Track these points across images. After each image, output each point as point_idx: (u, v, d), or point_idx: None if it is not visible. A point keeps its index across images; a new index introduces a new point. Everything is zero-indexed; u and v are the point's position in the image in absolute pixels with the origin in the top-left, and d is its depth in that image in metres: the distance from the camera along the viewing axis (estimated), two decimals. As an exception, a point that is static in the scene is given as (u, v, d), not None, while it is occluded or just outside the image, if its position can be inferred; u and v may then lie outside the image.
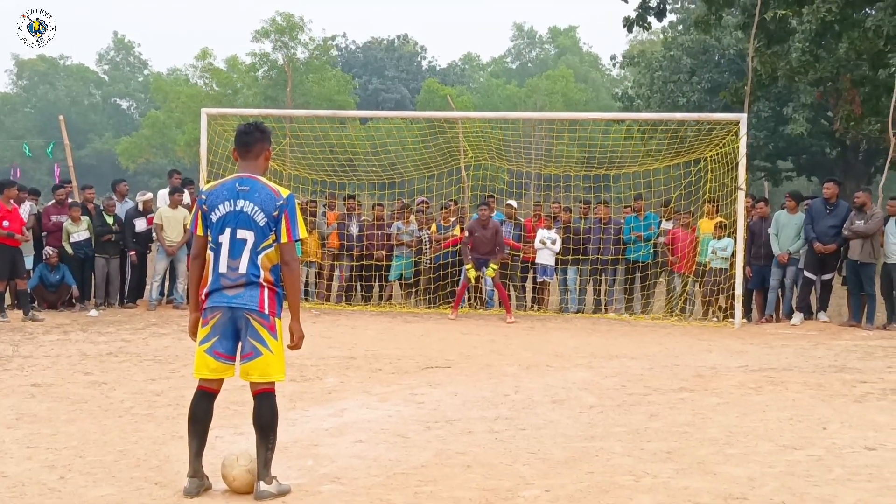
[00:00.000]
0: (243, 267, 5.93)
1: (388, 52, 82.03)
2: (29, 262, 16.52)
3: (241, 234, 5.94)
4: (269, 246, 5.97)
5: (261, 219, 5.94)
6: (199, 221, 6.09)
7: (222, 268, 5.96)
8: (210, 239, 6.05)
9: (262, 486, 5.91)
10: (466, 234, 16.94)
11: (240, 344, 6.05)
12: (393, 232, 18.42)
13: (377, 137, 27.70)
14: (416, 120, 28.87)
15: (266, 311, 5.96)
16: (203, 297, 6.08)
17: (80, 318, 15.76)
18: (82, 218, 16.81)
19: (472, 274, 16.85)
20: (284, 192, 6.06)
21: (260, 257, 5.96)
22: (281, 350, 6.06)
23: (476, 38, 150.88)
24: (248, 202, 5.97)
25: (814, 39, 22.68)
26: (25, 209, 16.61)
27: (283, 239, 5.97)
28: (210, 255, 6.05)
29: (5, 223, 15.11)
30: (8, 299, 15.92)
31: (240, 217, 5.96)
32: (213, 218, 6.01)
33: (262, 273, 5.94)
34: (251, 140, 6.24)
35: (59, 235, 16.79)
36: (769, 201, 19.34)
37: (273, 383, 6.11)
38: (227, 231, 5.96)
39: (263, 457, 5.98)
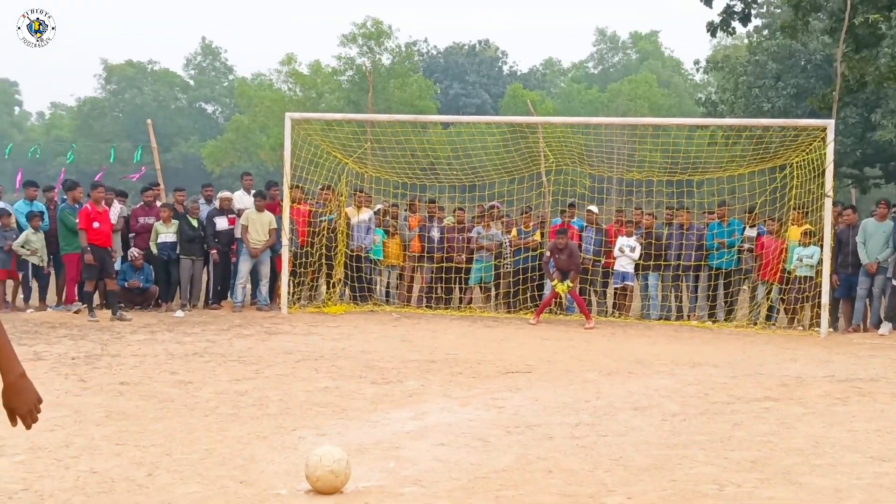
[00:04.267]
0: None
1: (469, 57, 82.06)
2: (117, 264, 16.89)
3: None
4: None
5: None
6: None
7: None
8: None
9: None
10: (547, 253, 16.99)
11: None
12: (473, 236, 18.46)
13: (458, 142, 27.75)
14: (497, 124, 28.84)
15: None
16: None
17: (166, 318, 16.05)
18: (172, 220, 17.13)
19: (561, 289, 16.83)
20: None
21: None
22: None
23: (557, 43, 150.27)
24: None
25: (904, 44, 22.22)
26: (115, 211, 16.99)
27: None
28: None
29: (95, 224, 15.45)
30: (97, 299, 16.26)
31: None
32: None
33: None
34: None
35: (146, 237, 17.13)
36: (857, 209, 18.97)
37: None
38: None
39: None
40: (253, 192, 18.49)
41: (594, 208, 18.59)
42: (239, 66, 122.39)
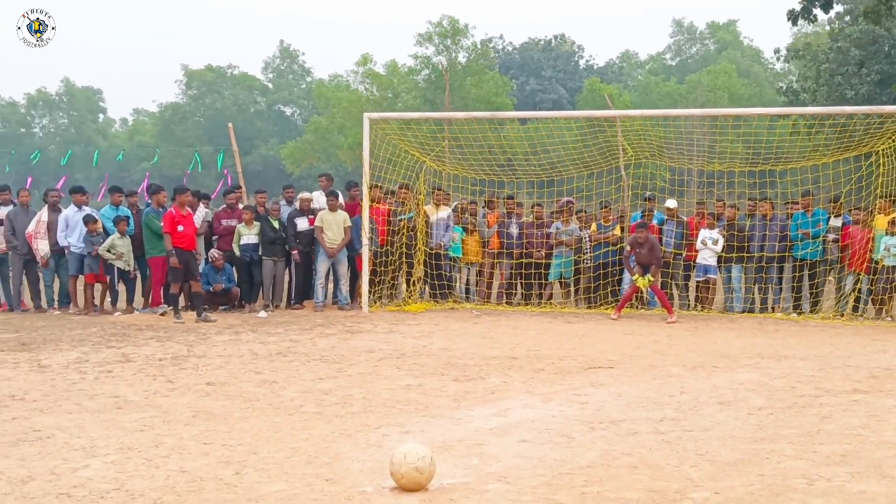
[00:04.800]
0: None
1: (545, 53, 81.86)
2: (200, 267, 17.13)
3: None
4: None
5: None
6: None
7: None
8: None
9: None
10: (627, 247, 16.85)
11: None
12: (552, 231, 18.39)
13: (536, 137, 27.66)
14: (575, 119, 28.72)
15: None
16: None
17: (249, 319, 16.25)
18: (254, 222, 17.33)
19: (642, 283, 16.67)
20: None
21: None
22: None
23: (634, 35, 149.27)
24: None
25: None
26: (200, 215, 17.25)
27: None
28: None
29: (180, 228, 15.69)
30: (182, 301, 16.52)
31: None
32: None
33: None
34: None
35: (229, 239, 17.37)
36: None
37: None
38: None
39: None
40: (321, 190, 18.68)
41: (672, 203, 18.23)
42: (316, 68, 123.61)
